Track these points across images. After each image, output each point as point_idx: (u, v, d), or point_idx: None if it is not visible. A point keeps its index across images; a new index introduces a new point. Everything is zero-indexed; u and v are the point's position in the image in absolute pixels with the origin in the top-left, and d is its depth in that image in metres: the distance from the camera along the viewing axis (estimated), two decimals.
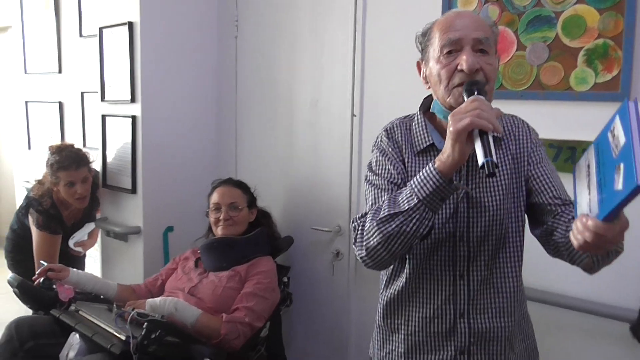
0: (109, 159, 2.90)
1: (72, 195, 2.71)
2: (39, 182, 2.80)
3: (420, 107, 1.41)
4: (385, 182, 1.33)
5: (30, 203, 2.76)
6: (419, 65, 1.38)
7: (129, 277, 2.72)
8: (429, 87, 1.34)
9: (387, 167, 1.35)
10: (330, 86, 2.45)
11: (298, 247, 2.63)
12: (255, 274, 2.24)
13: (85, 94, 3.49)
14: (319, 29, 2.48)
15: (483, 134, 1.09)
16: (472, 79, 1.21)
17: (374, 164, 1.39)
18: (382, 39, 2.26)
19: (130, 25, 2.66)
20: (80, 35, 3.52)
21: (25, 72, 4.11)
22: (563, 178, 1.42)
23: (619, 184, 0.87)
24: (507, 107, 1.88)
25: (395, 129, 1.40)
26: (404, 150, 1.36)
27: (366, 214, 1.28)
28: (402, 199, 1.20)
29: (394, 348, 1.42)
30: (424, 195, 1.16)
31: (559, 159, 1.81)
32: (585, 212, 0.98)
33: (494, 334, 1.34)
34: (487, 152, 1.07)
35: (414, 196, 1.17)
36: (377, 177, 1.35)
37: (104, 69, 2.86)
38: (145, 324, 1.81)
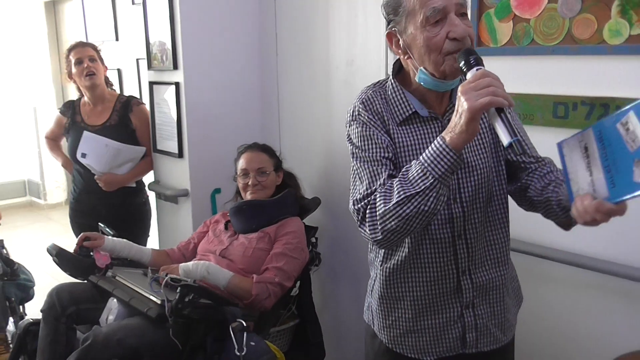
0: (157, 124, 2.94)
1: (82, 73, 2.84)
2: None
3: (392, 74, 1.39)
4: (378, 157, 1.31)
5: None
6: (390, 36, 1.34)
7: (181, 238, 2.77)
8: (408, 57, 1.30)
9: (374, 141, 1.32)
10: (365, 46, 2.41)
11: (336, 209, 2.66)
12: (284, 234, 2.27)
13: (140, 61, 3.54)
14: None
15: (501, 112, 1.09)
16: (464, 45, 1.21)
17: (356, 139, 1.35)
18: None
19: None
20: (133, 2, 3.54)
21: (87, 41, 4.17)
22: None
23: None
24: (539, 63, 1.85)
25: (372, 99, 1.36)
26: (386, 121, 1.34)
27: (369, 194, 1.27)
28: (414, 178, 1.18)
29: (400, 315, 1.44)
30: (439, 173, 1.15)
31: (591, 116, 1.75)
32: (587, 192, 1.06)
33: (493, 284, 1.42)
34: (511, 132, 1.07)
35: (428, 175, 1.16)
36: (366, 153, 1.32)
37: (149, 37, 2.89)
38: (179, 288, 1.87)
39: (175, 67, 2.72)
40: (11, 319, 2.85)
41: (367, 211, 1.26)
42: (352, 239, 2.61)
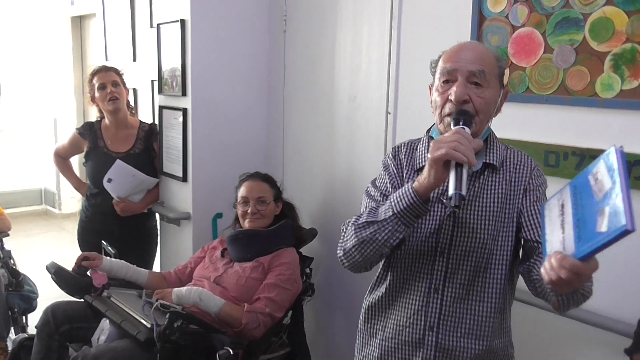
0: (165, 148, 3.01)
1: (105, 97, 2.89)
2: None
3: (429, 128, 1.48)
4: (379, 194, 1.44)
5: None
6: (430, 89, 1.43)
7: (181, 260, 2.81)
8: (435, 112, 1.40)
9: (384, 181, 1.46)
10: (367, 83, 2.46)
11: (334, 240, 2.67)
12: (278, 265, 2.30)
13: (154, 82, 3.62)
14: (358, 25, 2.49)
15: (458, 166, 1.17)
16: (460, 108, 1.28)
17: (377, 179, 1.50)
18: (417, 39, 2.24)
19: (182, 22, 2.75)
20: (151, 26, 3.63)
21: (107, 59, 4.27)
22: None
23: (603, 226, 0.89)
24: (533, 111, 1.87)
25: (402, 148, 1.49)
26: (404, 167, 1.45)
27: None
28: (381, 210, 1.30)
29: (370, 352, 1.50)
30: (398, 209, 1.25)
31: (581, 167, 1.77)
32: (558, 250, 0.99)
33: (460, 353, 1.37)
34: (457, 185, 1.16)
35: (390, 209, 1.27)
36: (374, 189, 1.46)
37: (161, 63, 2.98)
38: (168, 314, 1.91)
39: (184, 93, 2.79)
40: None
41: (342, 232, 1.39)
42: (348, 270, 2.63)
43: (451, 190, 1.16)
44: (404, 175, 1.44)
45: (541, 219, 1.16)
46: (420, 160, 1.42)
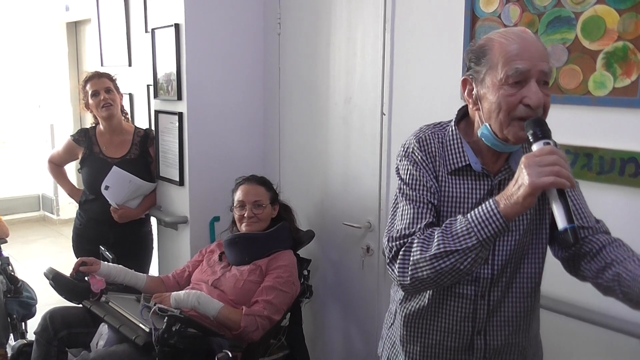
0: (161, 152, 3.01)
1: (98, 104, 2.89)
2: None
3: (455, 120, 1.36)
4: (425, 199, 1.29)
5: None
6: (465, 82, 1.31)
7: (179, 264, 2.83)
8: (477, 109, 1.28)
9: (422, 183, 1.30)
10: (362, 84, 2.47)
11: (331, 242, 2.70)
12: (276, 267, 2.30)
13: (150, 87, 3.63)
14: (352, 27, 2.49)
15: (562, 194, 1.08)
16: (535, 114, 1.19)
17: (406, 176, 1.33)
18: (410, 40, 2.25)
19: (177, 26, 2.75)
20: (146, 31, 3.64)
21: (102, 65, 4.29)
22: (579, 186, 1.37)
23: None
24: None
25: (430, 140, 1.34)
26: (437, 166, 1.32)
27: (406, 235, 1.26)
28: (457, 234, 1.16)
29: (411, 358, 1.44)
30: (484, 236, 1.14)
31: (575, 165, 1.78)
32: None
33: (509, 349, 1.38)
34: (569, 218, 1.07)
35: (473, 235, 1.14)
36: (413, 192, 1.30)
37: (156, 68, 2.99)
38: (166, 318, 1.91)
39: (180, 97, 2.79)
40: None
41: (401, 252, 1.24)
42: (346, 271, 2.64)
43: (563, 224, 1.07)
44: (439, 176, 1.31)
45: None
46: (455, 160, 1.31)
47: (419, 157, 1.32)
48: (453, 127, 1.35)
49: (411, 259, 1.21)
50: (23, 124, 6.70)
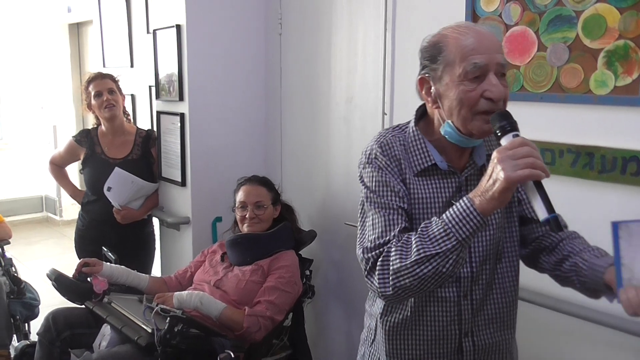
0: (163, 153, 3.02)
1: (101, 105, 2.89)
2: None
3: (414, 121, 1.35)
4: (394, 205, 1.26)
5: None
6: (422, 82, 1.30)
7: (181, 264, 2.82)
8: (436, 107, 1.27)
9: (390, 188, 1.27)
10: (363, 84, 2.47)
11: (332, 242, 2.70)
12: (278, 268, 2.31)
13: (152, 88, 3.63)
14: (353, 27, 2.49)
15: (538, 185, 1.07)
16: (497, 107, 1.18)
17: (371, 184, 1.30)
18: (411, 39, 2.24)
19: (178, 27, 2.76)
20: (147, 32, 3.64)
21: (104, 66, 4.28)
22: (581, 185, 1.40)
23: None
24: (528, 109, 1.87)
25: (391, 144, 1.31)
26: (403, 169, 1.29)
27: (381, 245, 1.22)
28: (435, 237, 1.13)
29: None
30: (463, 236, 1.11)
31: (577, 164, 1.78)
32: None
33: (497, 347, 1.38)
34: (549, 207, 1.05)
35: (452, 236, 1.12)
36: (382, 199, 1.27)
37: (158, 68, 2.99)
38: (168, 318, 1.91)
39: (181, 98, 2.80)
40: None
41: (379, 263, 1.20)
42: (348, 271, 2.64)
43: (544, 214, 1.05)
44: (406, 180, 1.28)
45: (613, 237, 1.14)
46: (420, 161, 1.29)
47: (383, 162, 1.29)
48: (414, 128, 1.33)
49: (391, 268, 1.17)
50: (25, 125, 6.72)
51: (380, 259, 1.20)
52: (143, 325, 2.02)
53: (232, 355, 1.99)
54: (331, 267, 2.73)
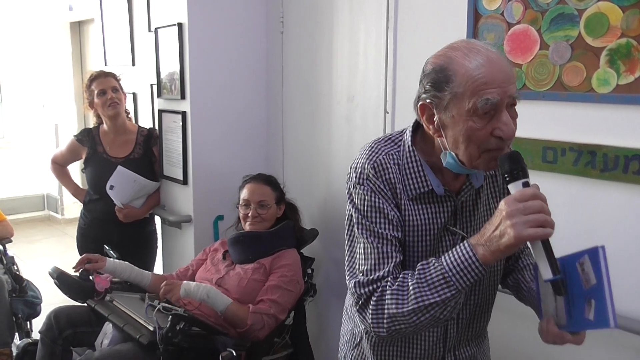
0: (165, 152, 3.02)
1: (105, 103, 2.89)
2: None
3: (410, 140, 1.25)
4: (387, 234, 1.19)
5: None
6: (423, 108, 1.18)
7: (183, 263, 2.83)
8: (439, 135, 1.17)
9: (383, 215, 1.20)
10: (365, 83, 2.46)
11: (334, 240, 2.70)
12: (280, 266, 2.31)
13: (153, 86, 3.63)
14: (355, 25, 2.49)
15: (546, 244, 1.03)
16: (506, 145, 1.11)
17: (363, 207, 1.21)
18: (413, 38, 2.25)
19: (180, 26, 2.76)
20: (149, 30, 3.64)
21: (105, 64, 4.28)
22: (583, 183, 1.39)
23: (590, 315, 1.03)
24: (530, 108, 1.87)
25: (386, 165, 1.22)
26: (398, 194, 1.21)
27: (375, 280, 1.17)
28: (434, 284, 1.09)
29: None
30: (464, 285, 1.08)
31: (579, 163, 1.77)
32: (552, 314, 1.14)
33: (475, 357, 1.43)
34: (555, 268, 1.03)
35: (452, 285, 1.08)
36: (374, 226, 1.20)
37: (159, 67, 3.00)
38: (170, 317, 1.92)
39: (183, 97, 2.80)
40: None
41: (373, 302, 1.15)
42: None
43: (549, 275, 1.03)
44: (401, 204, 1.21)
45: (534, 273, 1.26)
46: (417, 186, 1.22)
47: (377, 186, 1.21)
48: (410, 148, 1.23)
49: (386, 312, 1.13)
50: (27, 123, 6.73)
51: (374, 298, 1.16)
52: (145, 324, 2.02)
53: (234, 354, 1.99)
54: (333, 266, 2.73)
